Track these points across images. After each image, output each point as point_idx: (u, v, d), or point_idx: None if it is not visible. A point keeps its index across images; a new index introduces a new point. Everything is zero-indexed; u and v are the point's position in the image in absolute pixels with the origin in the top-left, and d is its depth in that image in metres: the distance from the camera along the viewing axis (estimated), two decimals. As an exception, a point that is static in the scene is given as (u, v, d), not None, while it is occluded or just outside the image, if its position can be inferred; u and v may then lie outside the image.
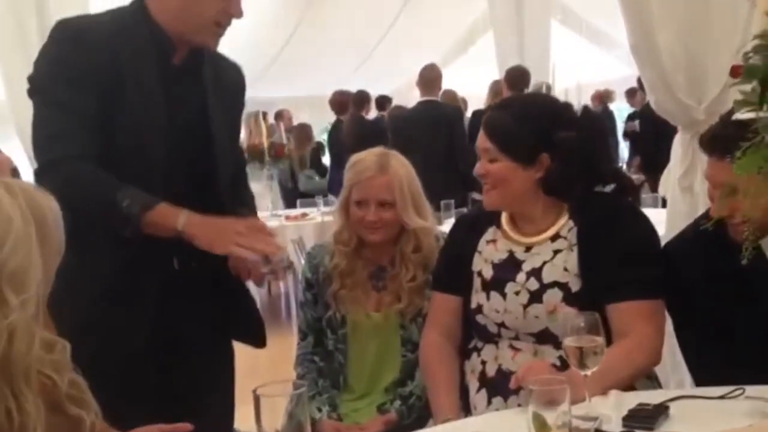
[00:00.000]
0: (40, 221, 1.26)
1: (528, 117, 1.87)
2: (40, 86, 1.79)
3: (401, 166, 2.21)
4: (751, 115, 1.11)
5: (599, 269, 1.82)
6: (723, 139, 1.68)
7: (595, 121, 2.01)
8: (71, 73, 1.74)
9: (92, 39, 1.76)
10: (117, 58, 1.76)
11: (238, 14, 1.85)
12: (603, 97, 10.00)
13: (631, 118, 9.01)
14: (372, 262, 2.25)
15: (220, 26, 1.85)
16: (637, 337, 1.77)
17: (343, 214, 2.24)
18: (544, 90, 5.80)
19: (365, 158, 2.22)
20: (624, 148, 9.82)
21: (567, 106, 2.01)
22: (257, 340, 2.05)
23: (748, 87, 1.09)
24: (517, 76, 6.08)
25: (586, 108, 2.07)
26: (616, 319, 1.79)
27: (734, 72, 1.14)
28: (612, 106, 10.34)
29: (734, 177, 1.45)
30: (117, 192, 1.72)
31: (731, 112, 1.39)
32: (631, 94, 9.52)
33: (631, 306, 1.80)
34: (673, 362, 2.52)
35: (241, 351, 2.08)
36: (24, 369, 1.17)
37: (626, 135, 9.34)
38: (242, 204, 2.05)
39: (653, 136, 5.21)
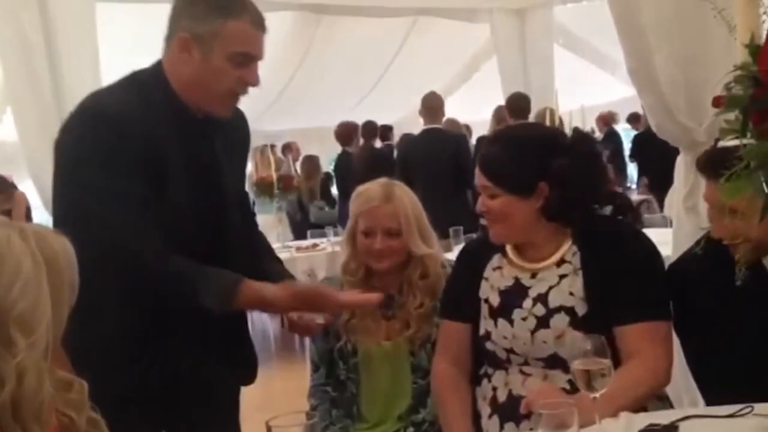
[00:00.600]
0: (52, 264, 1.28)
1: (521, 149, 1.90)
2: (87, 178, 1.71)
3: (405, 194, 2.26)
4: (736, 142, 1.15)
5: (605, 292, 1.84)
6: (717, 163, 1.71)
7: (588, 143, 2.03)
8: (118, 164, 1.69)
9: (129, 125, 1.72)
10: (153, 140, 1.74)
11: (256, 83, 1.82)
12: (607, 119, 10.04)
13: (636, 139, 9.04)
14: (380, 291, 2.28)
15: (236, 96, 1.84)
16: (645, 359, 1.78)
17: (351, 244, 2.27)
18: (547, 115, 5.84)
19: (370, 188, 2.26)
20: (633, 169, 9.86)
21: (558, 132, 2.04)
22: (250, 379, 2.07)
23: (731, 115, 1.14)
24: (518, 103, 6.14)
25: (577, 130, 2.11)
26: (624, 342, 1.81)
27: (716, 102, 1.19)
28: (617, 127, 10.38)
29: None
30: (197, 286, 1.70)
31: None
32: (633, 119, 9.58)
33: (638, 328, 1.81)
34: (686, 381, 2.52)
35: (255, 384, 2.10)
36: (34, 409, 1.18)
37: (633, 156, 9.37)
38: (267, 253, 2.11)
39: (659, 157, 5.24)
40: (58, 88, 3.86)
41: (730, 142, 1.19)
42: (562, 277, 1.89)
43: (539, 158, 1.87)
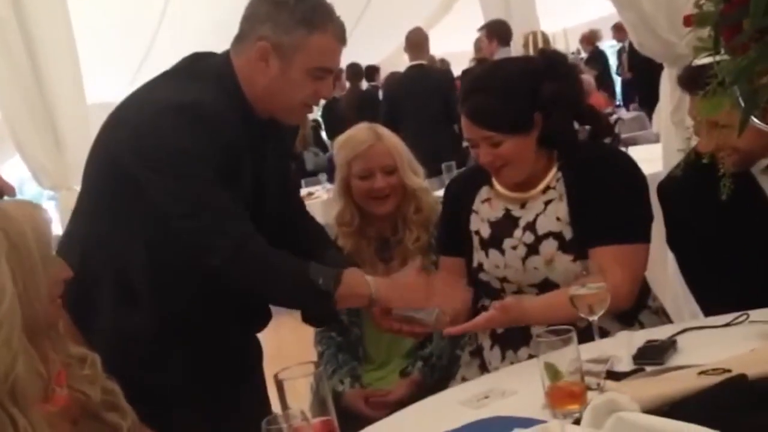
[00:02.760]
0: (16, 242, 1.27)
1: (510, 88, 1.88)
2: (180, 165, 1.67)
3: (390, 133, 2.29)
4: (710, 59, 1.14)
5: (587, 216, 1.85)
6: (696, 79, 1.71)
7: (561, 60, 2.03)
8: (208, 156, 1.68)
9: (220, 123, 1.69)
10: (234, 139, 1.72)
11: (329, 96, 1.80)
12: (591, 39, 9.92)
13: (620, 53, 8.95)
14: (376, 238, 2.30)
15: (308, 108, 1.83)
16: (607, 281, 1.69)
17: (344, 193, 2.28)
18: (530, 39, 5.77)
19: (357, 133, 2.27)
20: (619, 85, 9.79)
21: (532, 60, 2.03)
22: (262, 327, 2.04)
23: (704, 33, 1.13)
24: (499, 29, 6.05)
25: (544, 51, 2.10)
26: (594, 262, 1.79)
27: (686, 21, 1.18)
28: (602, 45, 10.27)
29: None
30: (308, 270, 1.70)
31: None
32: (618, 29, 9.44)
33: (608, 250, 1.81)
34: (686, 295, 2.56)
35: (266, 336, 2.12)
36: (8, 389, 1.18)
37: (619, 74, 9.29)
38: (322, 242, 2.06)
39: (647, 71, 5.21)
40: (34, 59, 3.81)
41: (704, 60, 1.18)
42: (547, 203, 1.91)
43: (528, 91, 1.87)
